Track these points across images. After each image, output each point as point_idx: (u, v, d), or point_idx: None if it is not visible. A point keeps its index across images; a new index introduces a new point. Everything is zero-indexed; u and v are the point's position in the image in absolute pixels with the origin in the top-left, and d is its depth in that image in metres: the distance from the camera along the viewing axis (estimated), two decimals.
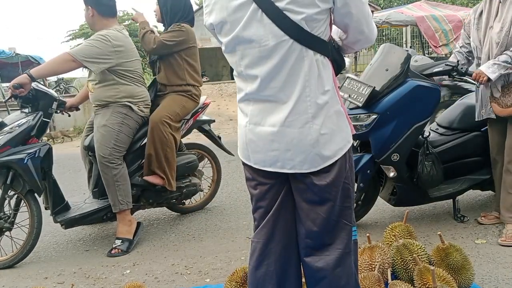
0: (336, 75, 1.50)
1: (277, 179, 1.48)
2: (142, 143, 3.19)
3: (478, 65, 2.75)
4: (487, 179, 2.99)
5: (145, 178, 3.18)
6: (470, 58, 2.90)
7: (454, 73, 2.70)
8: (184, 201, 3.61)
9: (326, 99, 1.38)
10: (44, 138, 3.41)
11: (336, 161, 1.41)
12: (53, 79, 17.31)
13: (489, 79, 2.54)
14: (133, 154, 3.19)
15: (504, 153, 2.74)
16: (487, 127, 2.92)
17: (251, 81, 1.42)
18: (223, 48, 1.47)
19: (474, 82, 2.68)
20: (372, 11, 11.85)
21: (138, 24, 3.33)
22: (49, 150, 3.00)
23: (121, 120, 3.03)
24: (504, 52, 2.53)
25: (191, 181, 3.48)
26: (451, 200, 3.09)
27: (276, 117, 1.39)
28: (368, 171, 2.80)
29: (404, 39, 13.95)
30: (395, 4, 18.10)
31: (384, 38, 14.93)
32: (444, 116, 3.21)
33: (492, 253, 2.55)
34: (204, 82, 18.90)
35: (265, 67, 1.36)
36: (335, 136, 1.40)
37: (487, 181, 3.00)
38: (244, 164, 1.56)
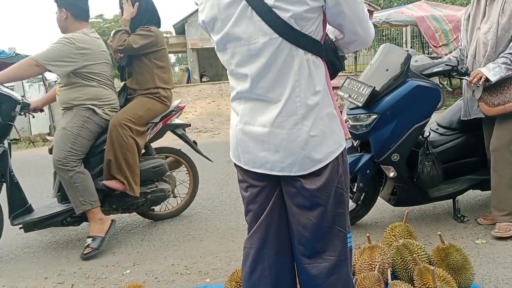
0: (334, 77, 1.47)
1: (268, 181, 1.45)
2: (105, 147, 3.11)
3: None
4: (487, 179, 2.99)
5: (104, 182, 3.09)
6: None
7: (454, 73, 2.71)
8: (154, 207, 3.50)
9: (317, 100, 1.34)
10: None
11: (327, 164, 1.37)
12: (53, 79, 17.32)
13: (487, 80, 2.55)
14: (95, 158, 3.13)
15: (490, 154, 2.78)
16: None
17: (242, 79, 1.39)
18: (215, 46, 1.45)
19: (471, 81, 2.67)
20: (372, 11, 11.85)
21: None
22: (4, 153, 2.98)
23: (82, 123, 3.00)
24: (502, 55, 2.54)
25: (158, 186, 3.36)
26: (451, 200, 3.09)
27: (266, 117, 1.36)
28: (368, 171, 2.80)
29: (404, 39, 13.96)
30: (395, 4, 18.11)
31: (384, 38, 14.93)
32: (444, 116, 3.21)
33: (492, 253, 2.55)
34: (204, 82, 18.81)
35: (255, 65, 1.34)
36: (326, 139, 1.36)
37: (487, 181, 3.00)
38: (235, 165, 1.53)
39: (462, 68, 2.69)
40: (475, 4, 2.70)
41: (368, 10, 11.92)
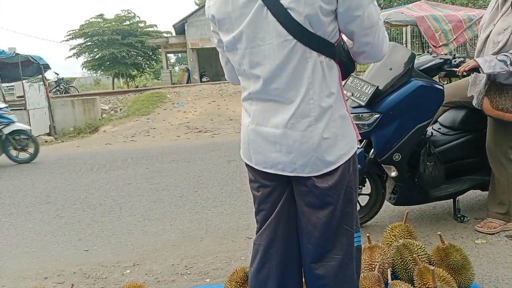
0: (344, 78, 1.46)
1: (279, 181, 1.46)
2: None
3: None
4: (488, 179, 2.98)
5: None
6: None
7: (446, 66, 2.70)
8: None
9: (330, 102, 1.34)
10: None
11: (341, 164, 1.38)
12: (53, 79, 17.34)
13: (478, 70, 2.53)
14: None
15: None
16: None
17: (254, 80, 1.38)
18: (224, 47, 1.43)
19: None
20: None
21: None
22: None
23: None
24: (504, 53, 2.51)
25: None
26: (451, 200, 3.09)
27: (279, 119, 1.36)
28: (359, 166, 2.75)
29: (404, 39, 13.96)
30: (395, 4, 18.09)
31: None
32: (446, 116, 3.20)
33: (492, 253, 2.55)
34: (204, 82, 18.86)
35: (268, 66, 1.33)
36: (339, 141, 1.36)
37: (487, 182, 3.00)
38: (246, 165, 1.53)
39: (455, 61, 2.68)
40: (493, 6, 2.65)
41: None
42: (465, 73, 2.60)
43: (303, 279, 1.57)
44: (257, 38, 1.32)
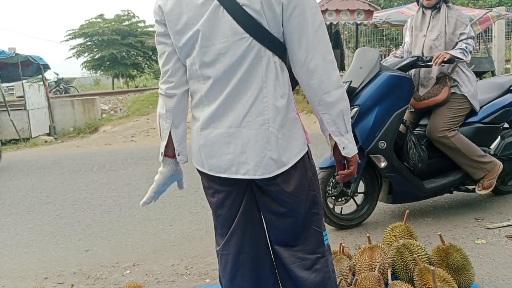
0: (293, 87, 1.43)
1: (234, 185, 1.43)
2: None
3: None
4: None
5: None
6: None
7: (420, 63, 2.91)
8: None
9: (284, 103, 1.34)
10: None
11: (296, 168, 1.38)
12: (53, 79, 17.33)
13: (458, 58, 2.85)
14: None
15: None
16: (465, 121, 3.13)
17: (207, 80, 1.36)
18: (179, 48, 1.37)
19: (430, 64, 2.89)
20: (372, 11, 11.83)
21: None
22: None
23: None
24: (457, 48, 2.87)
25: None
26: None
27: (233, 118, 1.34)
28: (359, 161, 2.81)
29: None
30: (395, 4, 18.10)
31: (384, 38, 14.93)
32: (425, 119, 3.33)
33: (492, 253, 2.55)
34: None
35: (223, 65, 1.32)
36: (290, 142, 1.36)
37: None
38: (199, 171, 1.50)
39: (426, 58, 2.90)
40: (420, 16, 3.11)
41: (368, 10, 11.89)
42: (443, 65, 2.88)
43: (279, 279, 1.57)
44: (212, 37, 1.31)
